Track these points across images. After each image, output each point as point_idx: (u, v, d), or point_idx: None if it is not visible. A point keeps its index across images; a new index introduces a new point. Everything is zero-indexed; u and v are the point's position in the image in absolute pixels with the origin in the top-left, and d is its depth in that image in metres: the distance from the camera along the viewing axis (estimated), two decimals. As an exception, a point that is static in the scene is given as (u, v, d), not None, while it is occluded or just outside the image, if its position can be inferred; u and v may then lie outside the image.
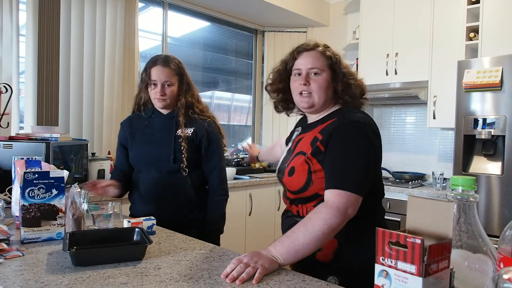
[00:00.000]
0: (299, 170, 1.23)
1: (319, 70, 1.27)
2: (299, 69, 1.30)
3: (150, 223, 1.39)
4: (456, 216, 0.72)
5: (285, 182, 1.29)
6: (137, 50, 3.15)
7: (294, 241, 1.06)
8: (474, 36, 2.90)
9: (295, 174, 1.24)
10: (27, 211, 1.24)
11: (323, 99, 1.28)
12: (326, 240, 1.09)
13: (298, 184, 1.23)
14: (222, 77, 4.26)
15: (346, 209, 1.10)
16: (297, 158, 1.26)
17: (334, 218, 1.07)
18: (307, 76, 1.28)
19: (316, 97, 1.27)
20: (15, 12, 2.52)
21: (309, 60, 1.28)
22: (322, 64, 1.28)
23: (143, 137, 1.77)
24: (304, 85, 1.27)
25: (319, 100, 1.27)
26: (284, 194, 1.35)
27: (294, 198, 1.27)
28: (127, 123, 1.85)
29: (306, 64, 1.28)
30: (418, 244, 0.60)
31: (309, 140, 1.26)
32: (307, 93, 1.28)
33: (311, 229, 1.07)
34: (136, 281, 0.95)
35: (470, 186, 0.72)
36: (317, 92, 1.27)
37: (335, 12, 4.21)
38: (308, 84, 1.27)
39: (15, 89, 2.51)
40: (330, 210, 1.09)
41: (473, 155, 2.71)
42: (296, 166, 1.24)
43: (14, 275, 0.96)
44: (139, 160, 1.76)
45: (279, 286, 0.94)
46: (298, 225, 1.10)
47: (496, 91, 2.52)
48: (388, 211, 3.07)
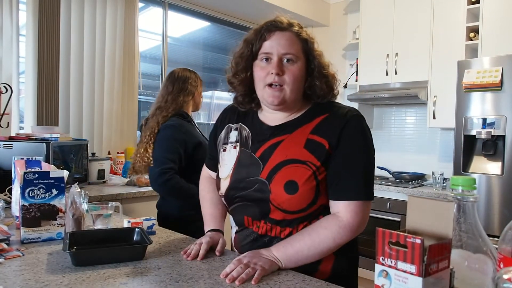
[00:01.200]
0: (306, 183, 1.00)
1: (294, 56, 1.03)
2: (268, 53, 1.04)
3: (150, 223, 1.39)
4: (456, 216, 0.72)
5: (279, 202, 1.02)
6: (137, 50, 3.15)
7: (298, 252, 1.01)
8: (474, 36, 2.90)
9: (300, 191, 1.00)
10: (27, 211, 1.24)
11: (296, 93, 1.06)
12: (329, 253, 1.04)
13: (304, 202, 1.02)
14: (222, 77, 4.26)
15: (361, 226, 1.01)
16: (292, 169, 1.02)
17: (344, 237, 1.01)
18: (279, 64, 1.03)
19: (289, 90, 1.04)
20: (15, 12, 2.52)
21: (282, 43, 1.03)
22: (297, 49, 1.04)
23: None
24: (276, 75, 1.02)
25: (291, 95, 1.04)
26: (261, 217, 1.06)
27: (292, 218, 1.04)
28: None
29: (278, 48, 1.03)
30: (418, 244, 0.60)
31: (300, 143, 1.04)
32: (278, 86, 1.03)
33: (318, 245, 1.00)
34: (136, 281, 0.95)
35: (470, 186, 0.72)
36: (290, 85, 1.03)
37: (335, 12, 4.21)
38: (281, 74, 1.03)
39: (15, 89, 2.51)
40: (343, 230, 1.00)
41: (473, 155, 2.71)
42: (300, 180, 1.00)
43: (14, 275, 0.96)
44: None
45: (279, 286, 0.94)
46: (305, 235, 1.01)
47: (496, 91, 2.52)
48: (388, 211, 3.07)
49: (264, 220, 1.07)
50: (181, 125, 1.85)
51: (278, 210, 1.04)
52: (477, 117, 2.62)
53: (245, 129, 1.15)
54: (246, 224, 1.12)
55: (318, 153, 1.02)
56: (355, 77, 3.77)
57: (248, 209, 1.09)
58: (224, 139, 1.20)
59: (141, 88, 3.26)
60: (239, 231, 1.15)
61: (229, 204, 1.16)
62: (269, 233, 1.08)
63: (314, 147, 1.03)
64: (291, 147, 1.05)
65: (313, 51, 1.08)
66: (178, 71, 1.99)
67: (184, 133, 1.83)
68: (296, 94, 1.07)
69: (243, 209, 1.11)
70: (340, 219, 1.01)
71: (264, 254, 1.02)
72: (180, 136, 1.81)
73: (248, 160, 1.10)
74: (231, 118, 1.22)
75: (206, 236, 1.18)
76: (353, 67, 3.94)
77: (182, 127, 1.85)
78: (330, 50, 4.14)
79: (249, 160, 1.09)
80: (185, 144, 1.82)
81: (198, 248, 1.11)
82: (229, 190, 1.12)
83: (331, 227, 1.01)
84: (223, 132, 1.21)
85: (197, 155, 1.85)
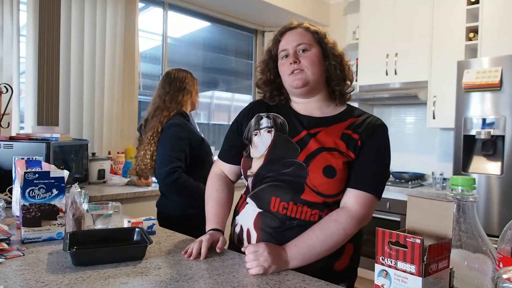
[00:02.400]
0: (342, 169, 1.09)
1: (307, 45, 1.17)
2: (285, 50, 1.18)
3: (150, 223, 1.39)
4: (455, 216, 0.72)
5: (316, 184, 1.09)
6: (137, 50, 3.15)
7: (311, 249, 1.05)
8: (473, 36, 2.91)
9: (338, 177, 1.09)
10: (27, 211, 1.24)
11: (317, 75, 1.16)
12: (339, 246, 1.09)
13: (340, 187, 1.11)
14: (222, 77, 4.26)
15: (366, 218, 1.10)
16: (330, 156, 1.10)
17: (352, 228, 1.08)
18: (295, 54, 1.16)
19: (310, 73, 1.15)
20: (15, 12, 2.52)
21: (294, 38, 1.18)
22: (309, 39, 1.17)
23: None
24: (294, 63, 1.15)
25: (313, 77, 1.16)
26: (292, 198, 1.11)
27: (323, 202, 1.11)
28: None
29: (291, 42, 1.17)
30: (417, 244, 0.60)
31: (336, 135, 1.14)
32: (298, 71, 1.15)
33: (330, 239, 1.05)
34: (136, 281, 0.95)
35: (470, 186, 0.72)
36: (310, 68, 1.15)
37: (335, 12, 4.21)
38: (298, 62, 1.15)
39: (16, 89, 2.51)
40: (351, 220, 1.07)
41: (473, 155, 2.71)
42: (337, 167, 1.09)
43: (15, 275, 0.97)
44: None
45: (279, 286, 0.94)
46: (316, 230, 1.06)
47: (495, 91, 2.53)
48: (388, 211, 3.07)
49: (294, 201, 1.11)
50: (184, 123, 1.86)
51: (313, 193, 1.10)
52: (476, 117, 2.62)
53: (279, 117, 1.22)
54: (271, 206, 1.13)
55: (352, 146, 1.12)
56: (355, 77, 3.77)
57: (278, 189, 1.13)
58: (255, 125, 1.25)
59: (141, 88, 3.26)
60: (263, 213, 1.15)
61: (257, 183, 1.18)
62: (299, 216, 1.10)
63: (348, 140, 1.13)
64: (328, 138, 1.14)
65: (325, 39, 1.20)
66: (174, 71, 1.99)
67: (188, 131, 1.84)
68: (317, 77, 1.17)
69: (272, 189, 1.14)
70: (349, 210, 1.09)
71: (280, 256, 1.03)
72: (185, 134, 1.82)
73: (285, 143, 1.16)
74: (260, 108, 1.28)
75: (206, 235, 1.19)
76: (353, 67, 3.94)
77: (185, 125, 1.85)
78: (330, 50, 4.14)
79: (286, 144, 1.16)
80: (190, 142, 1.82)
81: (198, 247, 1.12)
82: (261, 169, 1.16)
83: (341, 218, 1.07)
84: (253, 120, 1.26)
85: (200, 152, 1.86)
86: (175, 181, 1.74)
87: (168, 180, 1.74)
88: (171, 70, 2.00)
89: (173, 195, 1.83)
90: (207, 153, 1.95)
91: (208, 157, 1.94)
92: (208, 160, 1.94)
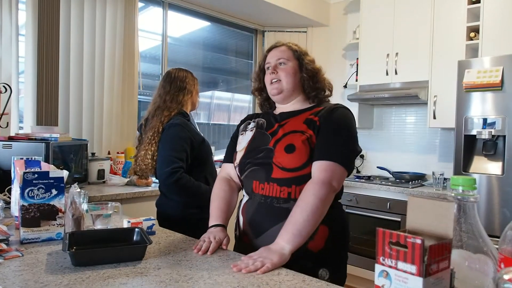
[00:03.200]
0: (301, 145, 1.25)
1: (285, 60, 1.38)
2: (268, 63, 1.42)
3: (150, 223, 1.39)
4: (456, 216, 0.71)
5: (280, 161, 1.26)
6: (137, 50, 3.15)
7: (295, 223, 1.14)
8: (474, 36, 2.90)
9: (297, 151, 1.25)
10: (26, 211, 1.24)
11: (291, 85, 1.37)
12: (322, 213, 1.18)
13: (299, 160, 1.25)
14: (222, 77, 4.26)
15: (330, 182, 1.20)
16: (292, 136, 1.28)
17: (321, 190, 1.17)
18: (275, 66, 1.39)
19: (284, 83, 1.37)
20: (14, 12, 2.52)
21: (276, 53, 1.41)
22: (288, 55, 1.39)
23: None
24: (272, 74, 1.38)
25: (287, 86, 1.37)
26: (266, 178, 1.28)
27: (289, 177, 1.25)
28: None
29: (274, 57, 1.40)
30: (418, 244, 0.59)
31: (300, 121, 1.32)
32: (276, 80, 1.38)
33: (305, 206, 1.16)
34: (136, 281, 0.94)
35: (471, 186, 0.72)
36: (284, 78, 1.37)
37: (335, 12, 4.20)
38: (276, 73, 1.38)
39: (15, 89, 2.51)
40: (315, 184, 1.19)
41: (474, 155, 2.71)
42: (296, 144, 1.26)
43: (14, 275, 0.96)
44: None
45: (279, 286, 0.94)
46: (294, 208, 1.17)
47: (496, 91, 2.52)
48: (388, 211, 3.07)
49: (268, 181, 1.28)
50: (185, 123, 1.86)
51: (279, 169, 1.26)
52: (477, 117, 2.61)
53: (261, 120, 1.45)
54: (254, 189, 1.32)
55: (311, 126, 1.29)
56: (355, 77, 3.77)
57: (256, 173, 1.32)
58: (243, 128, 1.49)
59: (141, 88, 3.26)
60: (248, 200, 1.35)
61: (241, 172, 1.38)
62: (271, 193, 1.27)
63: (309, 122, 1.31)
64: (294, 124, 1.33)
65: (303, 55, 1.41)
66: (174, 71, 1.99)
67: (189, 131, 1.84)
68: (291, 85, 1.37)
69: (252, 174, 1.33)
70: (312, 179, 1.22)
71: (272, 248, 1.11)
72: (186, 134, 1.82)
73: (261, 136, 1.38)
74: (252, 117, 1.52)
75: (211, 233, 1.25)
76: (353, 67, 3.94)
77: (186, 125, 1.85)
78: (330, 50, 4.14)
79: (262, 136, 1.37)
80: (191, 142, 1.82)
81: (208, 245, 1.20)
82: (242, 158, 1.37)
83: (307, 187, 1.20)
84: (242, 126, 1.50)
85: (201, 152, 1.86)
86: (176, 181, 1.73)
87: (170, 181, 1.74)
88: (172, 70, 2.00)
89: (174, 195, 1.82)
90: (208, 153, 1.94)
91: (208, 157, 1.94)
92: (208, 160, 1.93)
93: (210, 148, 1.98)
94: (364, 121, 3.79)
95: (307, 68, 1.38)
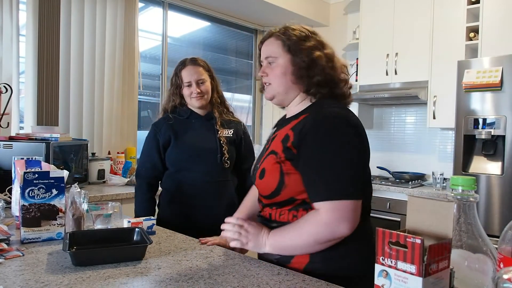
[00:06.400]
0: (270, 171, 1.09)
1: (273, 58, 1.17)
2: (262, 61, 1.23)
3: (150, 223, 1.39)
4: (456, 216, 0.72)
5: (257, 186, 1.18)
6: (137, 50, 3.15)
7: (286, 242, 1.08)
8: (474, 36, 2.90)
9: (266, 177, 1.11)
10: (27, 211, 1.24)
11: (283, 87, 1.16)
12: (314, 249, 1.05)
13: (270, 187, 1.10)
14: (222, 77, 4.26)
15: (338, 225, 0.99)
16: (268, 159, 1.13)
17: (320, 234, 1.01)
18: (264, 67, 1.20)
19: (275, 86, 1.17)
20: (15, 12, 2.52)
21: (264, 50, 1.20)
22: (276, 50, 1.16)
23: (188, 136, 1.79)
24: (262, 77, 1.20)
25: (278, 89, 1.17)
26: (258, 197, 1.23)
27: (267, 203, 1.16)
28: (166, 125, 1.80)
29: (263, 55, 1.21)
30: (418, 244, 0.60)
31: (280, 138, 1.13)
32: (268, 84, 1.19)
33: (299, 238, 1.04)
34: (136, 281, 0.95)
35: (470, 186, 0.72)
36: (273, 81, 1.17)
37: (335, 12, 4.21)
38: (266, 75, 1.19)
39: (15, 89, 2.51)
40: (317, 226, 1.01)
41: (473, 155, 2.71)
42: (267, 168, 1.11)
43: (14, 275, 0.96)
44: (187, 156, 1.76)
45: (279, 286, 0.94)
46: (292, 227, 1.07)
47: (496, 91, 2.52)
48: (388, 211, 3.07)
49: (259, 200, 1.23)
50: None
51: (259, 194, 1.19)
52: (477, 117, 2.61)
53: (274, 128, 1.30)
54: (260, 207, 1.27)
55: (284, 145, 1.10)
56: (355, 77, 3.77)
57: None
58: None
59: (141, 88, 3.26)
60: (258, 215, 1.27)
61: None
62: (262, 213, 1.21)
63: (285, 141, 1.10)
64: (277, 141, 1.14)
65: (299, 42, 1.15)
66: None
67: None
68: (283, 87, 1.17)
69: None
70: (318, 214, 1.02)
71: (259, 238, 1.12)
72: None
73: (261, 152, 1.26)
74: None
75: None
76: (353, 67, 3.94)
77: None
78: (330, 50, 4.13)
79: (261, 153, 1.26)
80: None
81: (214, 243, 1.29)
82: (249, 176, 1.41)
83: (310, 219, 1.04)
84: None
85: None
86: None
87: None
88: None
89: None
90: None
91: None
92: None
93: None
94: (364, 121, 3.78)
95: (303, 60, 1.13)
